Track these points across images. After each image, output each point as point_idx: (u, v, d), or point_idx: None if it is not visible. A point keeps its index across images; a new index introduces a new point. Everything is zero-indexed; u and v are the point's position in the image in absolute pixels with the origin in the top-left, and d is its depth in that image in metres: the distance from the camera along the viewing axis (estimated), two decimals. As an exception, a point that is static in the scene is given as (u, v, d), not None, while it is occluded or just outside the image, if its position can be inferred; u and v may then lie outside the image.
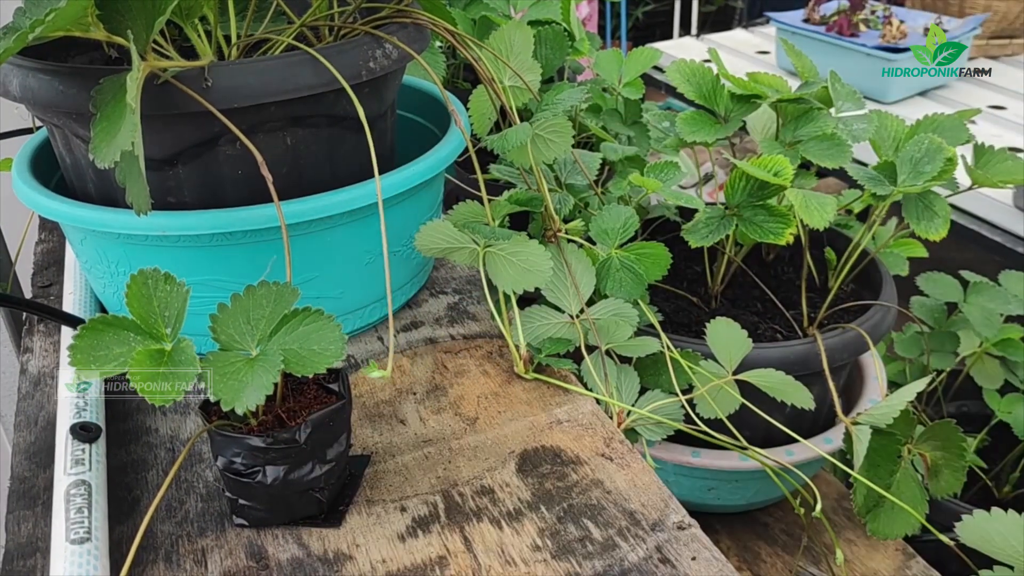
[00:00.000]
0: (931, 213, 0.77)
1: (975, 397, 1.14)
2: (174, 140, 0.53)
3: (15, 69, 0.52)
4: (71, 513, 0.44)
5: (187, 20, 0.50)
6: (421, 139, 0.70)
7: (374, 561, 0.46)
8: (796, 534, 0.79)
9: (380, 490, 0.51)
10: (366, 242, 0.60)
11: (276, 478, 0.45)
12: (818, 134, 0.77)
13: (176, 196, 0.56)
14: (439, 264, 0.76)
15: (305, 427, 0.45)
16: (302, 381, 0.49)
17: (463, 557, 0.46)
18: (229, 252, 0.55)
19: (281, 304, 0.44)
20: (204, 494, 0.51)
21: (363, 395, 0.59)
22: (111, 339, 0.42)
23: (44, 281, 0.76)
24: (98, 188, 0.58)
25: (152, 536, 0.48)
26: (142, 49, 0.44)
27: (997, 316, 1.03)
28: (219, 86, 0.50)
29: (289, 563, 0.46)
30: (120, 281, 0.58)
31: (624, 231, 0.67)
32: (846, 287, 0.95)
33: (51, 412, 0.57)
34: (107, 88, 0.45)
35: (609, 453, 0.53)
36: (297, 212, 0.54)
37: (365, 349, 0.64)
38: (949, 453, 0.70)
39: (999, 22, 2.08)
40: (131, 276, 0.42)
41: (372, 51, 0.56)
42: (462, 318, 0.68)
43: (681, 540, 0.47)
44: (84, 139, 0.55)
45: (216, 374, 0.42)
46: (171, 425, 0.57)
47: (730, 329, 0.69)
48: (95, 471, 0.48)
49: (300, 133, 0.56)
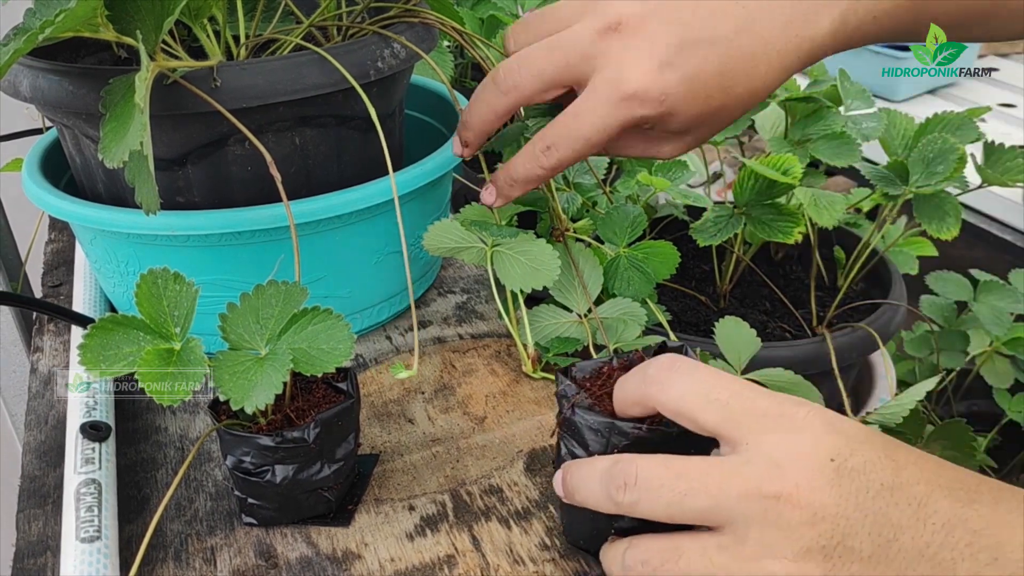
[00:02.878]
0: (943, 213, 0.77)
1: (985, 396, 1.13)
2: (183, 140, 0.54)
3: (25, 70, 0.52)
4: (81, 512, 0.44)
5: (196, 20, 0.50)
6: (429, 138, 0.70)
7: (382, 560, 0.46)
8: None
9: (388, 489, 0.51)
10: (374, 241, 0.60)
11: (285, 477, 0.45)
12: (827, 132, 0.77)
13: (185, 196, 0.56)
14: (447, 263, 0.76)
15: (314, 426, 0.45)
16: (311, 380, 0.49)
17: (471, 556, 0.46)
18: (238, 252, 0.55)
19: (290, 303, 0.44)
20: (213, 493, 0.51)
21: (371, 394, 0.59)
22: (121, 338, 0.42)
23: (54, 281, 0.76)
24: (108, 188, 0.58)
25: (162, 535, 0.48)
26: (151, 49, 0.44)
27: (1007, 315, 1.03)
28: (228, 86, 0.50)
29: (298, 562, 0.46)
30: (130, 281, 0.58)
31: (632, 230, 0.66)
32: (855, 286, 0.95)
33: (61, 411, 0.58)
34: (116, 88, 0.45)
35: (617, 452, 0.53)
36: (306, 212, 0.54)
37: (373, 348, 0.64)
38: (959, 452, 0.70)
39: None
40: (141, 276, 0.42)
41: (380, 51, 0.56)
42: (470, 317, 0.68)
43: (690, 540, 0.47)
44: (93, 139, 0.55)
45: (225, 373, 0.42)
46: (180, 424, 0.57)
47: (739, 328, 0.69)
48: (105, 470, 0.48)
49: (308, 133, 0.56)
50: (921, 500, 0.32)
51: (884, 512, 0.32)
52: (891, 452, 0.33)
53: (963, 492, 0.32)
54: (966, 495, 0.32)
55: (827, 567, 0.32)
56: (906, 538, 0.32)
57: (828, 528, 0.32)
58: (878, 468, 0.33)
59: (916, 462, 0.33)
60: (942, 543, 0.31)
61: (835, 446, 0.33)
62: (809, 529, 0.32)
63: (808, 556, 0.32)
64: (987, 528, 0.31)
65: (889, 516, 0.32)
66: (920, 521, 0.32)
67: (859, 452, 0.33)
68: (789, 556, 0.33)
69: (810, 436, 0.34)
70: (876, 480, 0.32)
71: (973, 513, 0.32)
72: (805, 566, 0.33)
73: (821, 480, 0.33)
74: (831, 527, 0.32)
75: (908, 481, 0.32)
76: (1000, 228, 1.45)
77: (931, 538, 0.32)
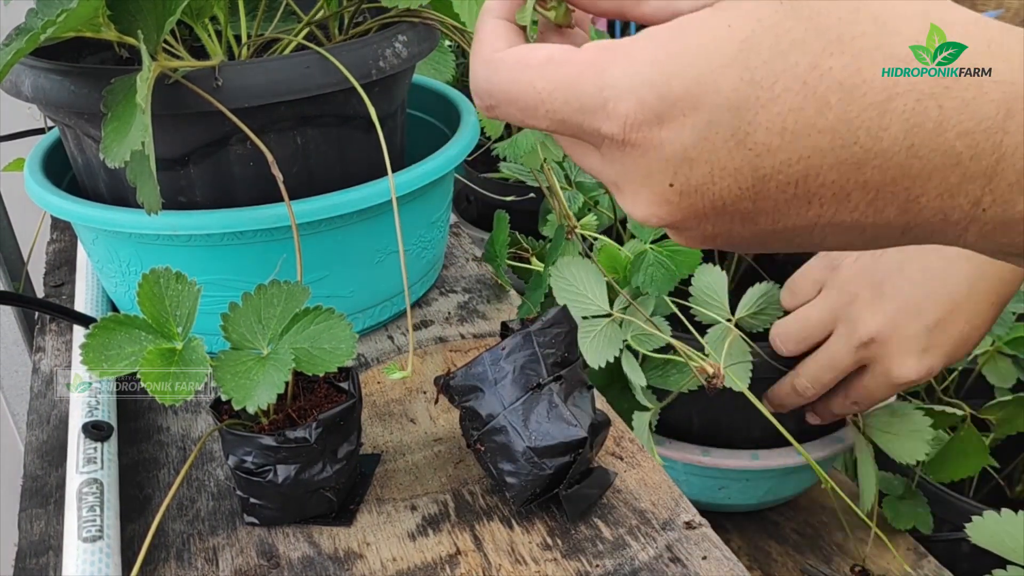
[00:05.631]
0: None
1: (987, 396, 1.13)
2: (185, 140, 0.54)
3: (27, 69, 0.52)
4: (83, 511, 0.44)
5: (197, 20, 0.50)
6: (431, 138, 0.70)
7: (384, 560, 0.46)
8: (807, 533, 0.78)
9: (390, 489, 0.51)
10: (376, 241, 0.60)
11: (287, 477, 0.45)
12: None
13: (187, 195, 0.56)
14: (448, 263, 0.76)
15: (316, 426, 0.45)
16: (312, 380, 0.49)
17: (473, 556, 0.46)
18: (240, 251, 0.55)
19: (292, 303, 0.44)
20: (215, 493, 0.51)
21: (373, 394, 0.59)
22: (123, 338, 0.42)
23: (56, 280, 0.76)
24: (110, 188, 0.58)
25: (164, 534, 0.48)
26: (153, 49, 0.44)
27: (1010, 314, 1.02)
28: (229, 86, 0.50)
29: (300, 561, 0.46)
30: (132, 280, 0.58)
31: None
32: (857, 285, 0.94)
33: (63, 411, 0.58)
34: (118, 88, 0.45)
35: (619, 452, 0.53)
36: (307, 211, 0.54)
37: (375, 348, 0.64)
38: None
39: (1011, 18, 2.07)
40: (143, 275, 0.42)
41: (382, 50, 0.56)
42: (472, 317, 0.68)
43: (691, 539, 0.47)
44: (95, 139, 0.55)
45: (227, 373, 0.42)
46: (182, 424, 0.57)
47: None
48: (107, 469, 0.48)
49: (310, 132, 0.56)
50: (796, 184, 0.27)
51: (751, 226, 0.29)
52: (744, 133, 0.27)
53: (855, 150, 0.26)
54: (859, 154, 0.26)
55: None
56: (785, 229, 0.29)
57: (694, 235, 0.31)
58: (729, 170, 0.28)
59: (782, 131, 0.26)
60: (828, 222, 0.28)
61: (670, 162, 0.28)
62: (677, 235, 0.31)
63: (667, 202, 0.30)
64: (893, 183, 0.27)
65: (759, 226, 0.29)
66: (797, 206, 0.28)
67: (700, 160, 0.28)
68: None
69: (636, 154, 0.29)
70: (729, 193, 0.28)
71: (873, 176, 0.27)
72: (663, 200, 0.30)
73: (668, 209, 0.29)
74: (695, 234, 0.31)
75: (772, 171, 0.27)
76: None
77: (814, 220, 0.28)
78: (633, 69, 0.28)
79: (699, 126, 0.27)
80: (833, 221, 0.28)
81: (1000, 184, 0.26)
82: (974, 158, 0.26)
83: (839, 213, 0.28)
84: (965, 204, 0.26)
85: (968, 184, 0.26)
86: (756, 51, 0.26)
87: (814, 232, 0.29)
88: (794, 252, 0.43)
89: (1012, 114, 0.25)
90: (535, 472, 0.46)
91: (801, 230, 0.29)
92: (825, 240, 0.30)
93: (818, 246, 0.30)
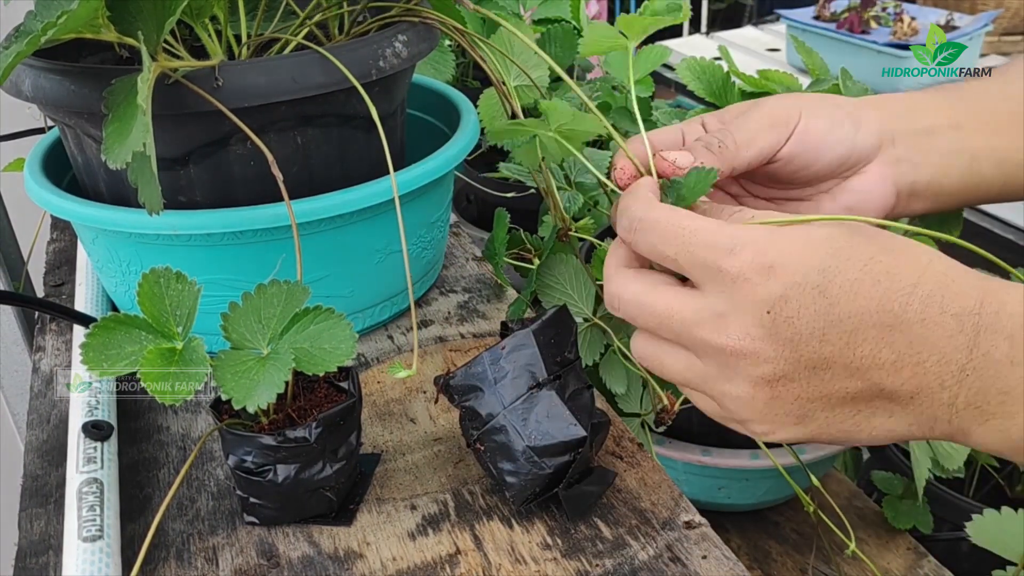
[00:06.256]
0: (945, 213, 0.76)
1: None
2: (185, 140, 0.54)
3: (27, 69, 0.52)
4: (83, 511, 0.44)
5: (197, 20, 0.50)
6: (430, 137, 0.70)
7: (384, 559, 0.46)
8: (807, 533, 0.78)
9: (390, 488, 0.51)
10: (376, 241, 0.60)
11: (287, 476, 0.45)
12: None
13: (187, 195, 0.56)
14: (448, 263, 0.76)
15: (316, 426, 0.45)
16: (312, 379, 0.49)
17: (473, 555, 0.46)
18: (240, 251, 0.55)
19: (292, 303, 0.44)
20: (215, 492, 0.51)
21: (373, 393, 0.59)
22: (123, 338, 0.42)
23: (56, 280, 0.76)
24: (110, 187, 0.58)
25: (164, 534, 0.48)
26: (153, 49, 0.44)
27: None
28: (230, 85, 0.50)
29: (300, 561, 0.46)
30: (132, 280, 0.58)
31: None
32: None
33: (63, 410, 0.58)
34: (119, 88, 0.45)
35: (619, 452, 0.53)
36: (308, 211, 0.54)
37: (375, 347, 0.64)
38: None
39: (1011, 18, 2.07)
40: (143, 275, 0.42)
41: (382, 50, 0.56)
42: (472, 316, 0.68)
43: (691, 539, 0.47)
44: (96, 139, 0.55)
45: (227, 372, 0.42)
46: (182, 423, 0.57)
47: None
48: (107, 469, 0.48)
49: (310, 132, 0.56)
50: (851, 333, 0.38)
51: (817, 351, 0.38)
52: (824, 287, 0.38)
53: (890, 315, 0.37)
54: (892, 318, 0.37)
55: (771, 392, 0.40)
56: (838, 367, 0.38)
57: (770, 368, 0.39)
58: (810, 312, 0.38)
59: (849, 292, 0.38)
60: (870, 365, 0.38)
61: (770, 297, 0.38)
62: (755, 368, 0.39)
63: (757, 384, 0.40)
64: (911, 345, 0.37)
65: (822, 354, 0.38)
66: (851, 349, 0.38)
67: (792, 299, 0.38)
68: (743, 382, 0.40)
69: (748, 287, 0.39)
70: (807, 327, 0.38)
71: (899, 336, 0.37)
72: (757, 391, 0.40)
73: (760, 331, 0.39)
74: (772, 368, 0.39)
75: (839, 318, 0.38)
76: (1002, 227, 1.45)
77: (860, 363, 0.38)
78: (756, 234, 0.39)
79: (796, 279, 0.38)
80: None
81: None
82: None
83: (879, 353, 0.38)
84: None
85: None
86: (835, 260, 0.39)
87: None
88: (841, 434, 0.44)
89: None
90: (535, 471, 0.46)
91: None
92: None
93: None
